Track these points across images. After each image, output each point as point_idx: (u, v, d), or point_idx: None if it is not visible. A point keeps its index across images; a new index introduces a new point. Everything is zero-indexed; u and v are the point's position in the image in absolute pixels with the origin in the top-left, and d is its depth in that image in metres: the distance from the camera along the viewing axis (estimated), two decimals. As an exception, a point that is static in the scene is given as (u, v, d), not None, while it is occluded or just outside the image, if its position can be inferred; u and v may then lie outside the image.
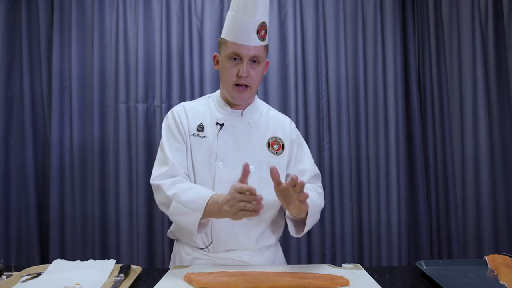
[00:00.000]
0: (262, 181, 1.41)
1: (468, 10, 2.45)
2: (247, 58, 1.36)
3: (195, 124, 1.44)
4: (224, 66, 1.40)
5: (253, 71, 1.39)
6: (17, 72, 2.40)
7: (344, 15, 2.45)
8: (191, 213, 1.26)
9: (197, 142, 1.42)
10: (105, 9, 2.41)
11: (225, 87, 1.43)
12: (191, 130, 1.44)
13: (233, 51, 1.36)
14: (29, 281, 1.20)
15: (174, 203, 1.30)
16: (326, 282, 1.14)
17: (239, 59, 1.37)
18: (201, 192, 1.29)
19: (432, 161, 2.44)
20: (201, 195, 1.27)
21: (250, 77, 1.38)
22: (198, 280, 1.14)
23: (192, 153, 1.42)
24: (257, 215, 1.15)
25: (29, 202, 2.35)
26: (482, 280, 1.21)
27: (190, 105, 1.51)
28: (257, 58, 1.38)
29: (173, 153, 1.40)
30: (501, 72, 2.43)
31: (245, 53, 1.36)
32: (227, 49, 1.38)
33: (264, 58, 1.43)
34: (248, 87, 1.40)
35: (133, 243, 2.34)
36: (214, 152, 1.41)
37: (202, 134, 1.43)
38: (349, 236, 2.38)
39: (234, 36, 1.36)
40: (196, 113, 1.47)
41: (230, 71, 1.38)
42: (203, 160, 1.41)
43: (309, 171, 1.50)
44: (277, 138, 1.49)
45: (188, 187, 1.32)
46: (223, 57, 1.40)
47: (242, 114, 1.48)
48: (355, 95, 2.46)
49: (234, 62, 1.38)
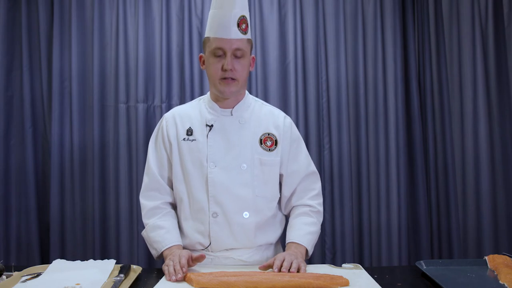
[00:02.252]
0: (255, 178, 1.42)
1: (468, 10, 2.45)
2: (230, 51, 1.37)
3: (184, 129, 1.47)
4: (209, 62, 1.42)
5: (238, 64, 1.40)
6: (17, 72, 2.40)
7: (344, 15, 2.45)
8: (152, 249, 1.45)
9: (187, 146, 1.44)
10: (105, 9, 2.41)
11: (212, 83, 1.44)
12: (181, 135, 1.46)
13: (216, 46, 1.38)
14: (29, 281, 1.20)
15: (144, 231, 1.48)
16: (326, 282, 1.14)
17: (223, 54, 1.38)
18: (164, 237, 1.41)
19: (432, 161, 2.44)
20: (163, 241, 1.40)
21: (235, 70, 1.39)
22: (198, 280, 1.14)
23: (183, 158, 1.44)
24: (170, 280, 1.21)
25: (29, 202, 2.35)
26: (482, 280, 1.21)
27: (181, 109, 1.54)
28: (240, 51, 1.39)
29: (155, 162, 1.49)
30: (501, 71, 2.43)
31: (228, 47, 1.37)
32: (210, 45, 1.40)
33: (248, 52, 1.43)
34: (235, 80, 1.41)
35: (133, 243, 2.34)
36: (204, 154, 1.42)
37: (191, 137, 1.45)
38: (349, 236, 2.38)
39: (215, 31, 1.38)
40: (186, 117, 1.49)
41: (215, 66, 1.39)
42: (194, 163, 1.42)
43: (301, 171, 1.50)
44: (269, 134, 1.48)
45: (157, 226, 1.43)
46: (207, 54, 1.42)
47: (231, 113, 1.48)
48: (355, 95, 2.46)
49: (218, 57, 1.39)
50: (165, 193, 1.48)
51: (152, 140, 1.53)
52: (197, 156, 1.42)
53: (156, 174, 1.47)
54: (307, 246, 1.41)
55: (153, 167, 1.48)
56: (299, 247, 1.40)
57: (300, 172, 1.50)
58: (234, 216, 1.40)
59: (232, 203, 1.40)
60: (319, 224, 1.51)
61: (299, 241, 1.41)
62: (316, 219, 1.49)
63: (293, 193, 1.51)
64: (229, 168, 1.41)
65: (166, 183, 1.48)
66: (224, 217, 1.39)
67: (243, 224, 1.40)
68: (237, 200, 1.40)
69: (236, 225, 1.39)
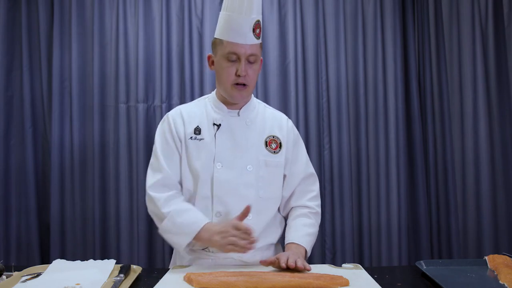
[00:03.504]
0: (259, 180, 1.42)
1: (468, 10, 2.45)
2: (244, 57, 1.37)
3: (191, 127, 1.45)
4: (222, 66, 1.40)
5: (250, 69, 1.40)
6: (17, 72, 2.40)
7: (344, 15, 2.45)
8: (182, 235, 1.33)
9: (195, 145, 1.43)
10: (105, 9, 2.41)
11: (223, 87, 1.43)
12: (188, 134, 1.44)
13: (230, 50, 1.37)
14: (29, 281, 1.20)
15: (167, 221, 1.35)
16: (326, 282, 1.14)
17: (237, 59, 1.38)
18: (196, 217, 1.34)
19: (432, 161, 2.44)
20: (196, 221, 1.33)
21: (248, 76, 1.39)
22: (198, 280, 1.14)
23: (191, 157, 1.43)
24: (245, 252, 1.23)
25: (29, 202, 2.35)
26: (482, 280, 1.21)
27: (187, 108, 1.52)
28: (254, 56, 1.39)
29: (167, 160, 1.42)
30: (501, 71, 2.43)
31: (243, 52, 1.36)
32: (223, 49, 1.38)
33: (259, 56, 1.44)
34: (247, 85, 1.41)
35: (133, 243, 2.34)
36: (212, 153, 1.41)
37: (199, 136, 1.44)
38: (349, 236, 2.38)
39: (230, 35, 1.37)
40: (193, 115, 1.48)
41: (228, 71, 1.39)
42: (202, 162, 1.41)
43: (300, 173, 1.51)
44: (274, 136, 1.49)
45: (183, 209, 1.36)
46: (220, 57, 1.40)
47: (238, 113, 1.48)
48: (355, 95, 2.46)
49: (232, 62, 1.38)
50: (176, 188, 1.43)
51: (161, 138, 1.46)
52: (205, 155, 1.41)
53: (168, 171, 1.41)
54: (306, 247, 1.42)
55: (165, 166, 1.41)
56: (299, 248, 1.40)
57: (299, 174, 1.51)
58: None
59: (236, 204, 1.39)
60: (317, 225, 1.52)
61: (298, 241, 1.41)
62: (314, 220, 1.50)
63: (292, 194, 1.52)
64: (235, 169, 1.41)
65: (178, 181, 1.44)
66: (227, 217, 1.39)
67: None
68: (241, 200, 1.39)
69: None
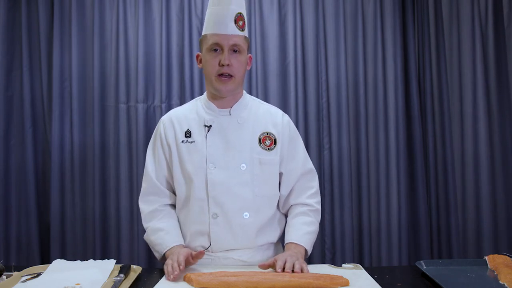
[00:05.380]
0: (254, 178, 1.42)
1: (468, 10, 2.45)
2: (227, 47, 1.38)
3: (182, 131, 1.46)
4: (206, 59, 1.42)
5: (235, 60, 1.40)
6: (17, 72, 2.40)
7: (344, 15, 2.45)
8: (155, 252, 1.44)
9: (186, 148, 1.44)
10: (105, 9, 2.41)
11: (209, 80, 1.44)
12: (179, 138, 1.46)
13: (213, 41, 1.38)
14: (29, 281, 1.20)
15: (146, 235, 1.47)
16: (326, 282, 1.14)
17: (220, 50, 1.39)
18: (163, 239, 1.41)
19: (432, 161, 2.44)
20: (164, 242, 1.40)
21: (232, 66, 1.39)
22: (198, 280, 1.14)
23: (183, 160, 1.43)
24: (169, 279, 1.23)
25: (29, 202, 2.35)
26: (482, 280, 1.21)
27: (177, 112, 1.53)
28: (237, 47, 1.40)
29: (154, 167, 1.48)
30: (501, 72, 2.43)
31: (225, 42, 1.38)
32: (207, 42, 1.40)
33: (245, 49, 1.44)
34: (232, 77, 1.41)
35: (133, 243, 2.34)
36: (204, 155, 1.42)
37: (190, 139, 1.45)
38: (349, 236, 2.38)
39: (212, 27, 1.39)
40: (183, 119, 1.49)
41: (212, 62, 1.40)
42: (194, 164, 1.42)
43: (298, 169, 1.50)
44: (268, 133, 1.48)
45: (157, 228, 1.43)
46: (205, 51, 1.42)
47: (230, 112, 1.47)
48: (355, 95, 2.46)
49: (215, 53, 1.39)
50: (164, 196, 1.48)
51: (150, 145, 1.53)
52: (197, 158, 1.42)
53: (154, 179, 1.47)
54: (306, 246, 1.41)
55: (151, 172, 1.48)
56: (298, 247, 1.40)
57: (297, 170, 1.49)
58: (234, 217, 1.39)
59: (232, 204, 1.39)
60: (317, 223, 1.51)
61: (298, 241, 1.41)
62: (314, 218, 1.49)
63: (291, 191, 1.50)
64: (228, 169, 1.41)
65: (165, 187, 1.48)
66: (224, 217, 1.39)
67: (243, 225, 1.40)
68: (237, 200, 1.40)
69: (236, 225, 1.39)
